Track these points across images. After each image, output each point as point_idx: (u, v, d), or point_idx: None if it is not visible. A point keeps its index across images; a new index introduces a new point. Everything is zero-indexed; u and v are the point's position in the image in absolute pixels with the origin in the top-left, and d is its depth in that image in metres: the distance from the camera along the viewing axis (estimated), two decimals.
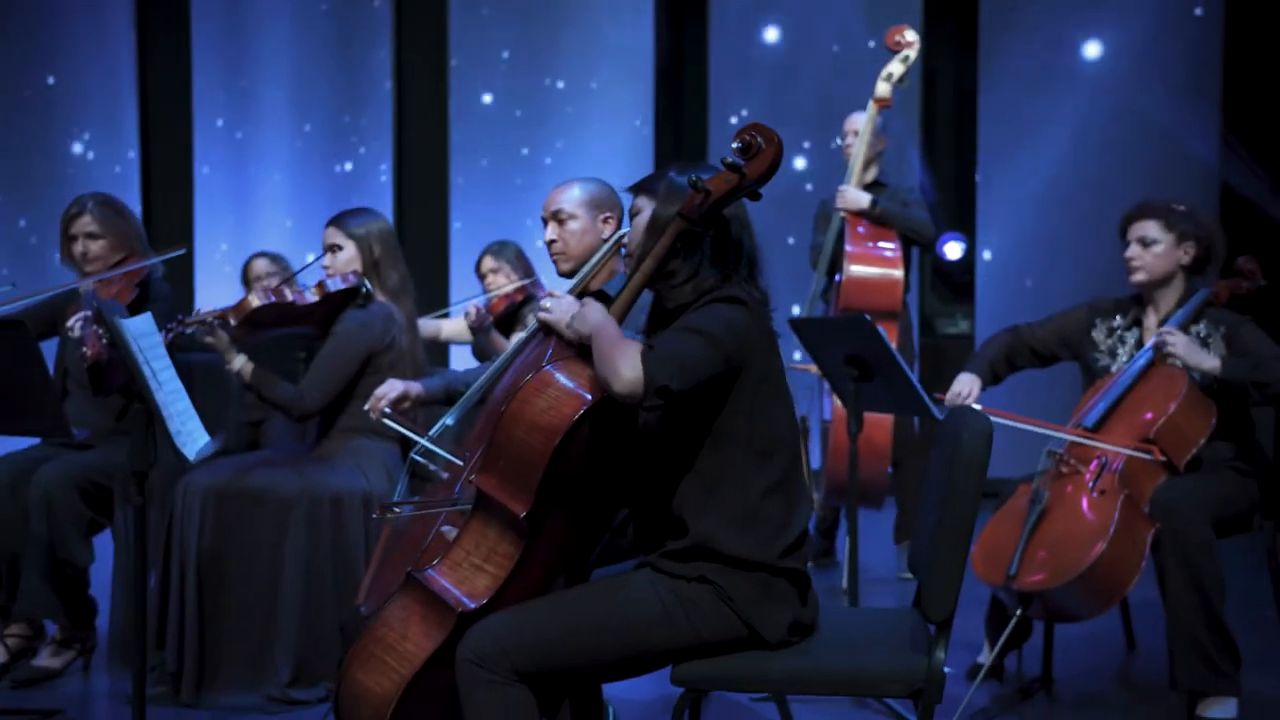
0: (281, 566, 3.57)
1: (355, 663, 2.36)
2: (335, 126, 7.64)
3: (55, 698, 3.70)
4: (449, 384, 3.54)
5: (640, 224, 2.45)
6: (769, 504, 2.29)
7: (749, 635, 2.26)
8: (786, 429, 2.36)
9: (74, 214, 4.05)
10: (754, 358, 2.29)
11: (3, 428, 3.49)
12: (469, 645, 2.24)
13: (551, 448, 2.26)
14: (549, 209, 3.28)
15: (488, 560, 2.34)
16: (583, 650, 2.28)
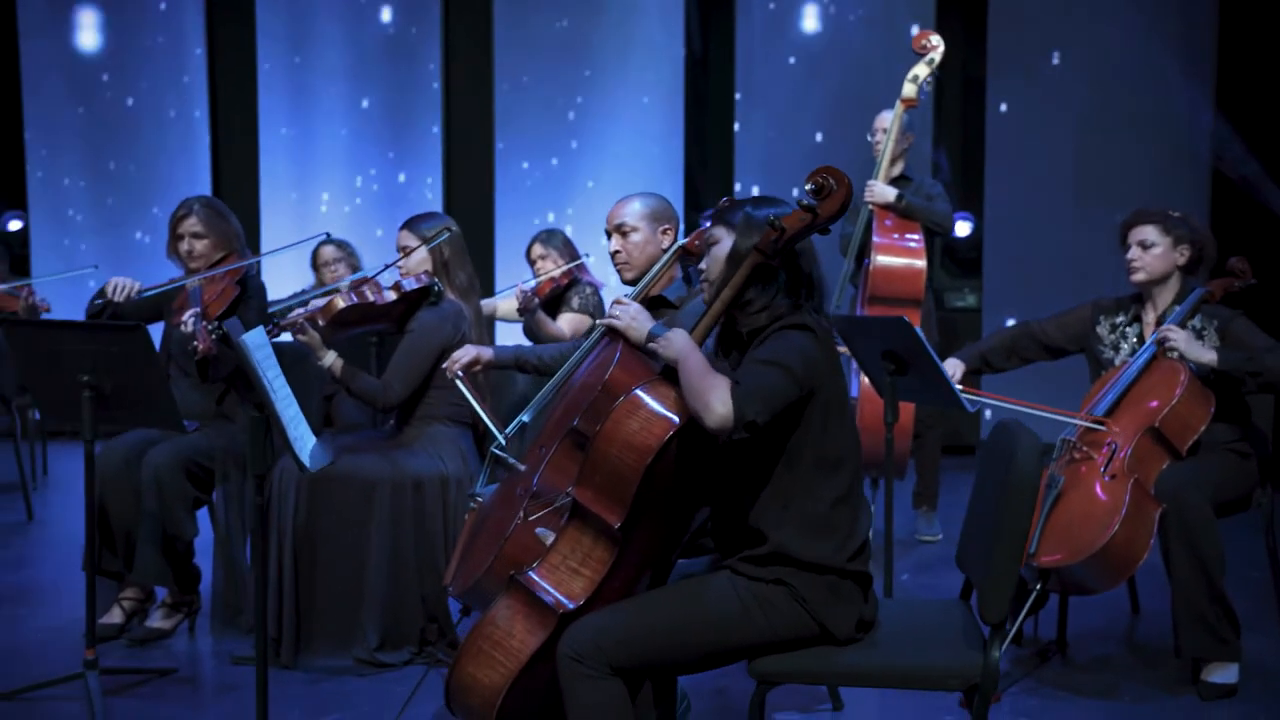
0: (368, 542, 3.59)
1: (466, 657, 2.38)
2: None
3: (168, 657, 3.74)
4: (518, 354, 3.53)
5: (719, 254, 2.43)
6: (837, 513, 2.31)
7: (820, 632, 2.28)
8: (850, 443, 2.37)
9: (181, 215, 4.07)
10: (823, 381, 2.29)
11: (124, 421, 3.55)
12: (569, 642, 2.26)
13: (644, 466, 2.27)
14: (612, 222, 3.28)
15: (583, 564, 2.35)
16: (671, 646, 2.30)
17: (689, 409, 2.23)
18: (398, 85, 7.49)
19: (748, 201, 2.47)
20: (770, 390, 2.19)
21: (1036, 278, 6.82)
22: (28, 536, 5.31)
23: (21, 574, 4.60)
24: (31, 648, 3.86)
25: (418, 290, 3.74)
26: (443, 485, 3.65)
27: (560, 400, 3.19)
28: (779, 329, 2.32)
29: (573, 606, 2.32)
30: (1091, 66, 6.80)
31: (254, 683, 3.41)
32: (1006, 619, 2.24)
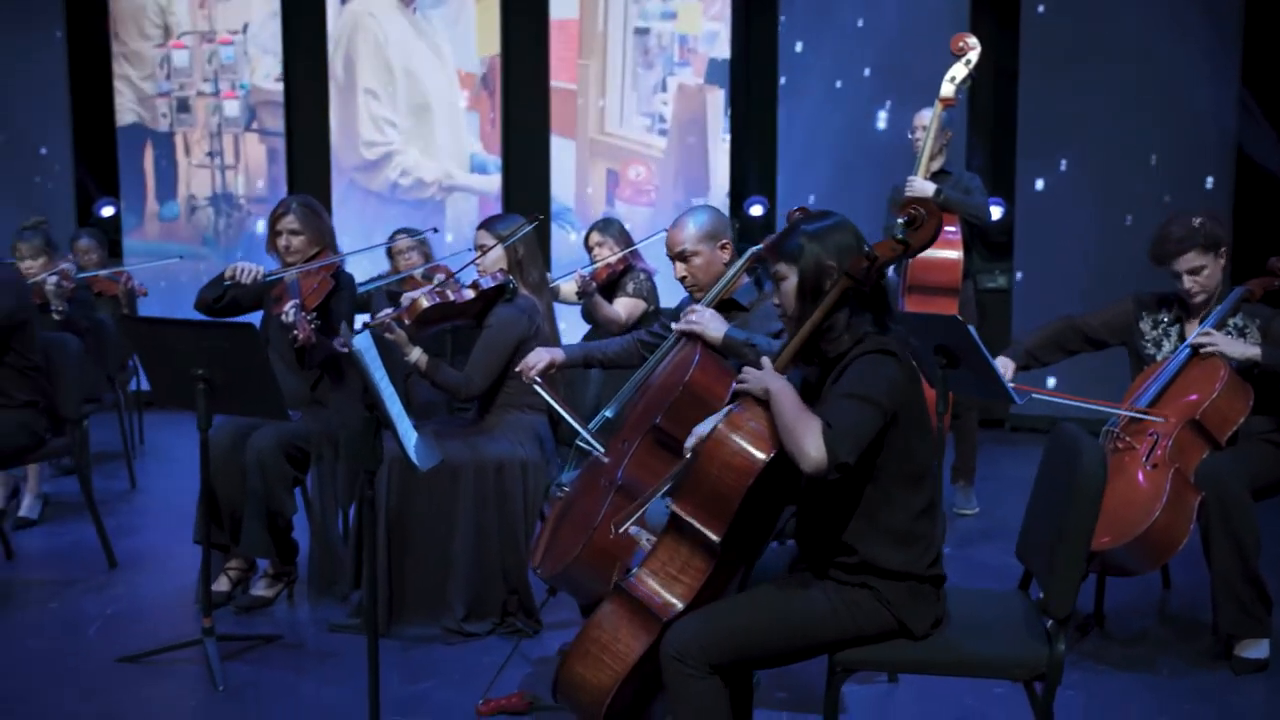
0: (455, 522, 3.62)
1: (575, 657, 2.36)
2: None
3: (272, 623, 3.80)
4: (586, 352, 3.53)
5: (789, 288, 2.37)
6: (919, 524, 2.30)
7: (899, 628, 2.29)
8: (928, 455, 2.35)
9: (280, 213, 4.10)
10: (905, 403, 2.26)
11: (234, 410, 3.59)
12: (673, 644, 2.25)
13: (745, 487, 2.24)
14: (672, 250, 3.27)
15: (682, 572, 2.33)
16: (765, 644, 2.30)
17: (785, 448, 2.19)
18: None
19: (800, 227, 2.40)
20: (859, 430, 2.16)
21: (1066, 263, 6.77)
22: (133, 504, 5.36)
23: (133, 540, 4.63)
24: (149, 612, 3.92)
25: (494, 288, 3.76)
26: (522, 469, 3.67)
27: (640, 397, 3.21)
28: (863, 354, 2.27)
29: (674, 613, 2.30)
30: (1120, 52, 6.68)
31: (353, 650, 3.55)
32: (1071, 614, 2.23)
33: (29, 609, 3.95)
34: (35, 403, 4.01)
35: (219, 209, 7.87)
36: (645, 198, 7.22)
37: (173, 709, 3.27)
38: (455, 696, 3.21)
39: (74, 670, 3.46)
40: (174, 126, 7.84)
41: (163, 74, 7.81)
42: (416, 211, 7.50)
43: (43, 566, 4.43)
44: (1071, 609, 2.23)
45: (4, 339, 3.88)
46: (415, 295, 3.66)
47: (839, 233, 2.36)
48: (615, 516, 2.80)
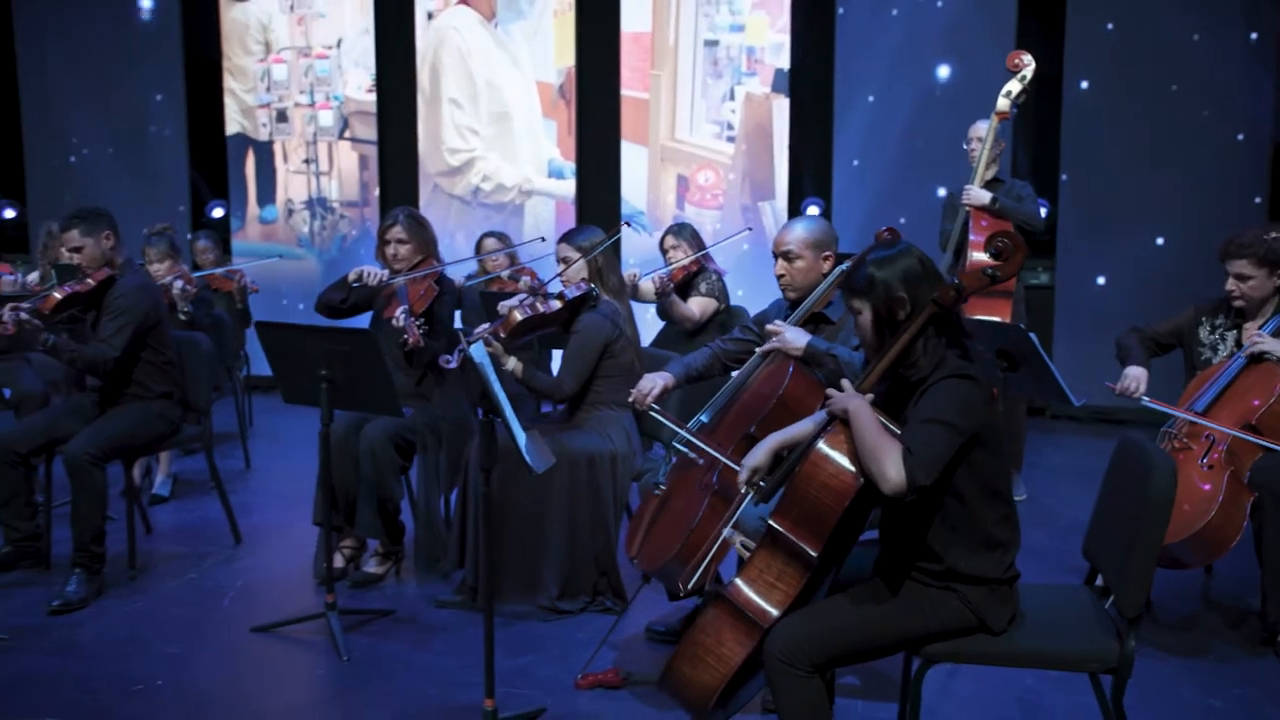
0: (549, 509, 3.66)
1: (682, 659, 2.37)
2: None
3: (384, 598, 3.88)
4: (686, 370, 3.49)
5: (865, 322, 2.36)
6: (997, 532, 2.31)
7: (979, 625, 2.30)
8: (1004, 469, 2.34)
9: (389, 224, 4.17)
10: (982, 424, 2.25)
11: (354, 407, 3.68)
12: (775, 646, 2.26)
13: (843, 507, 2.23)
14: (779, 248, 3.25)
15: (779, 579, 2.33)
16: (861, 644, 2.32)
17: (864, 468, 2.19)
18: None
19: (866, 261, 2.37)
20: (938, 454, 2.15)
21: (1107, 264, 6.71)
22: (249, 483, 5.49)
23: (252, 518, 4.75)
24: (274, 585, 4.03)
25: (579, 297, 3.81)
26: (611, 461, 3.72)
27: (733, 404, 3.22)
28: (943, 379, 2.25)
29: (771, 619, 2.32)
30: (1161, 53, 6.57)
31: (459, 624, 3.64)
32: (1142, 614, 2.25)
33: (170, 579, 4.07)
34: (170, 395, 4.12)
35: (314, 212, 8.00)
36: (714, 201, 7.21)
37: (303, 677, 3.36)
38: (555, 670, 3.26)
39: (214, 638, 3.57)
40: (273, 135, 7.98)
41: (263, 87, 7.95)
42: (496, 214, 7.56)
43: (177, 540, 4.55)
44: (1142, 610, 2.24)
45: (142, 338, 4.00)
46: (510, 309, 3.72)
47: (905, 260, 2.33)
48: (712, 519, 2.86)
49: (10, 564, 4.01)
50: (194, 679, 3.26)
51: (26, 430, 3.97)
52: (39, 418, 4.11)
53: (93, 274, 3.97)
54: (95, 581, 3.85)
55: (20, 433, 3.95)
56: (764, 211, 7.15)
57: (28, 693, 3.14)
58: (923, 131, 6.98)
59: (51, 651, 3.42)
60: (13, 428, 4.03)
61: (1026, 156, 7.31)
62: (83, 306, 4.01)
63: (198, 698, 3.15)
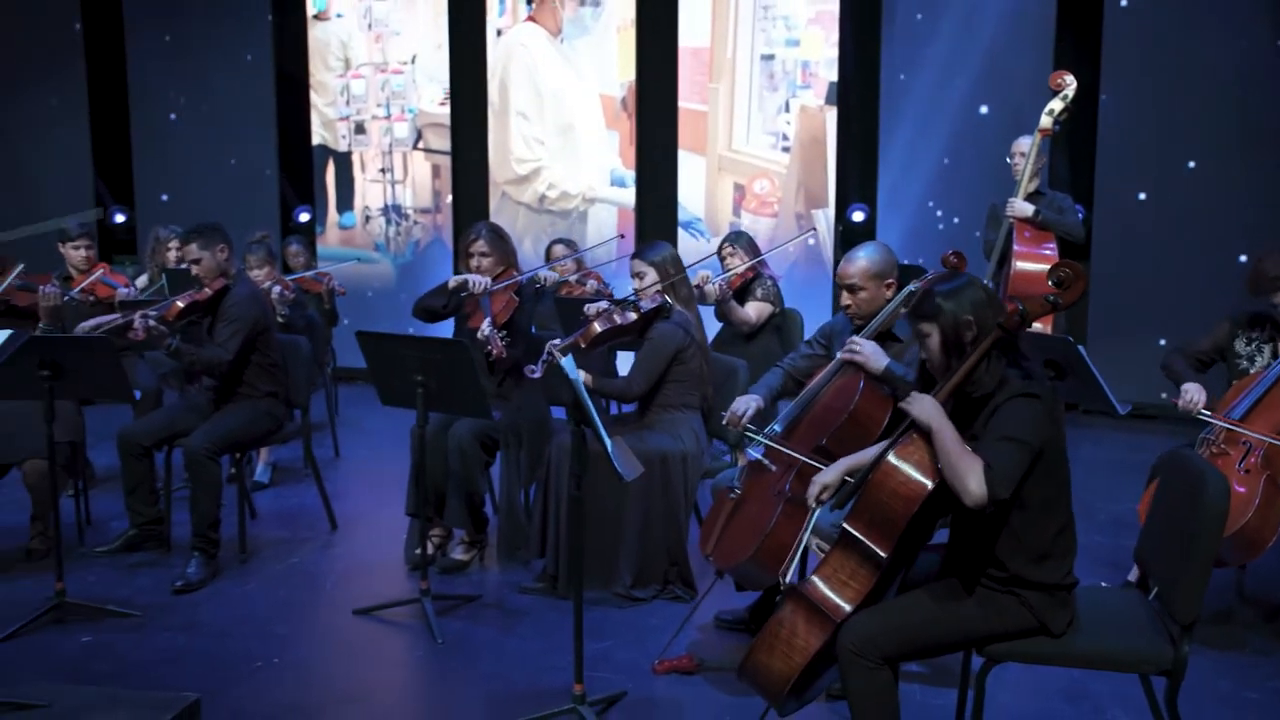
0: (625, 504, 3.70)
1: (760, 649, 2.43)
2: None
3: (470, 584, 3.95)
4: (768, 389, 3.51)
5: (933, 344, 2.39)
6: (1059, 541, 2.34)
7: (1039, 628, 2.33)
8: (1066, 479, 2.37)
9: (472, 239, 4.23)
10: (1048, 440, 2.28)
11: (446, 410, 3.76)
12: (848, 639, 2.31)
13: (911, 512, 2.29)
14: (843, 280, 3.28)
15: (852, 578, 2.38)
16: (928, 640, 2.36)
17: (947, 481, 2.24)
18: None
19: (934, 290, 2.41)
20: (1015, 469, 2.20)
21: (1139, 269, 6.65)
22: (339, 471, 5.59)
23: (345, 505, 4.83)
24: (369, 570, 4.12)
25: (653, 309, 3.86)
26: (682, 460, 3.76)
27: (804, 416, 3.25)
28: (1012, 398, 2.28)
29: (844, 614, 2.36)
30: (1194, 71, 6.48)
31: (542, 609, 3.70)
32: (1197, 620, 2.27)
33: (275, 563, 4.18)
34: (275, 394, 4.23)
35: (389, 219, 8.04)
36: (769, 209, 7.20)
37: (403, 659, 3.43)
38: (633, 655, 3.32)
39: (319, 619, 3.68)
40: (351, 146, 8.02)
41: (343, 100, 7.99)
42: (561, 221, 7.61)
43: (279, 525, 4.66)
44: (1198, 614, 2.26)
45: (252, 343, 4.11)
46: (590, 322, 3.78)
47: (970, 290, 2.38)
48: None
49: (136, 545, 4.16)
50: (304, 658, 3.37)
51: (149, 426, 4.10)
52: (161, 414, 4.25)
53: (209, 284, 4.08)
54: (211, 564, 3.98)
55: (144, 428, 4.09)
56: (817, 219, 7.15)
57: (164, 667, 3.27)
58: (962, 143, 6.94)
59: (178, 629, 3.54)
60: (137, 423, 4.16)
61: (1064, 163, 7.25)
62: (200, 313, 4.13)
63: (309, 676, 3.25)
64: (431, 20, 7.80)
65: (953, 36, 6.94)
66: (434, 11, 7.77)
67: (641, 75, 7.46)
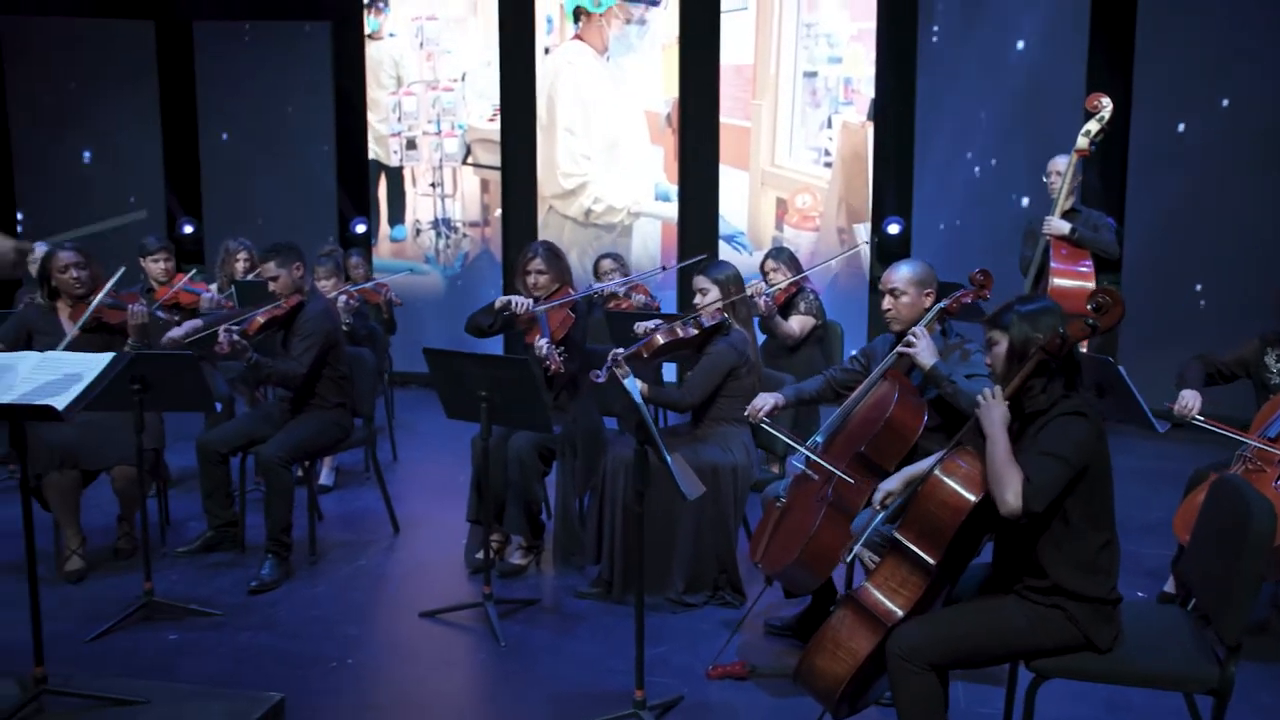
0: (678, 513, 3.73)
1: (814, 652, 2.49)
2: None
3: (527, 588, 4.00)
4: (797, 393, 3.62)
5: (999, 352, 2.47)
6: (1101, 556, 2.37)
7: (1086, 643, 2.36)
8: (1110, 497, 2.40)
9: (529, 257, 4.28)
10: (1092, 458, 2.32)
11: (509, 424, 3.83)
12: (897, 645, 2.36)
13: (958, 523, 2.35)
14: (886, 285, 3.35)
15: (903, 586, 2.44)
16: (973, 649, 2.40)
17: (990, 488, 2.29)
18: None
19: (1015, 305, 2.49)
20: (1051, 485, 2.26)
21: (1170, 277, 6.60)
22: (398, 474, 5.66)
23: (405, 507, 4.88)
24: (431, 573, 4.20)
25: (714, 326, 3.90)
26: (732, 472, 3.80)
27: (845, 426, 3.32)
28: (1060, 415, 2.34)
29: (895, 619, 2.42)
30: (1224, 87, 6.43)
31: (598, 613, 3.75)
32: (1242, 642, 2.28)
33: (343, 565, 4.26)
34: (344, 405, 4.33)
35: (439, 232, 8.12)
36: (810, 224, 7.21)
37: (468, 661, 3.47)
38: (687, 659, 3.35)
39: (386, 621, 3.75)
40: (403, 161, 8.08)
41: (395, 117, 8.06)
42: (607, 234, 7.66)
43: (344, 528, 4.74)
44: (1242, 636, 2.27)
45: (324, 356, 4.20)
46: (653, 333, 3.83)
47: (1047, 316, 2.44)
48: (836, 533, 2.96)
49: (213, 546, 4.28)
50: (375, 659, 3.43)
51: (226, 434, 4.21)
52: (237, 423, 4.36)
53: (286, 300, 4.18)
54: (284, 566, 4.08)
55: (222, 436, 4.20)
56: (857, 233, 7.16)
57: (247, 665, 3.35)
58: (995, 159, 6.93)
59: (256, 628, 3.63)
60: (215, 432, 4.27)
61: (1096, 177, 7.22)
62: (276, 326, 4.23)
63: (381, 677, 3.31)
64: (481, 39, 7.88)
65: (986, 51, 6.93)
66: (484, 30, 7.85)
67: (684, 92, 7.50)
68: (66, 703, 2.88)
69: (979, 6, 6.98)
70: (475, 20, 7.86)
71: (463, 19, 7.88)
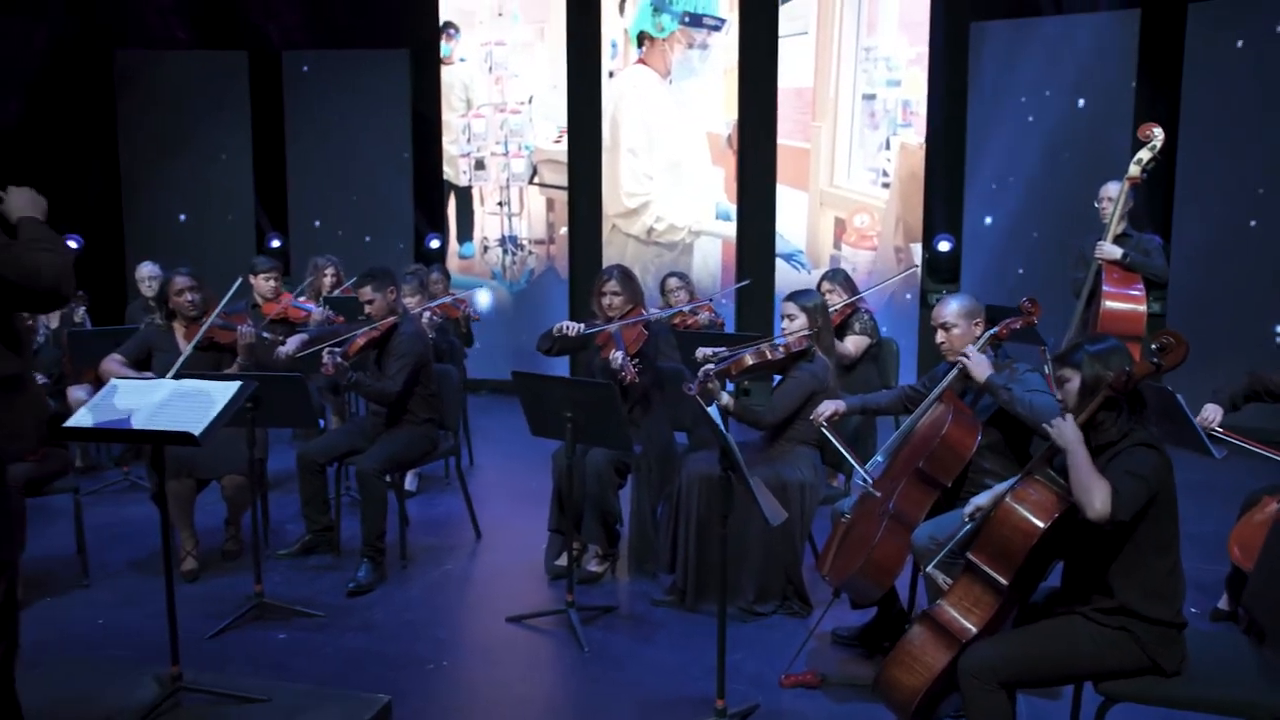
0: (748, 526, 3.77)
1: (893, 664, 2.56)
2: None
3: (604, 595, 4.06)
4: (863, 403, 3.69)
5: (1071, 389, 2.51)
6: (1167, 582, 2.40)
7: (1151, 665, 2.38)
8: (1176, 524, 2.43)
9: (605, 279, 4.35)
10: (1162, 486, 2.36)
11: (591, 442, 3.92)
12: (969, 663, 2.41)
13: (1030, 546, 2.40)
14: (937, 320, 3.42)
15: (975, 605, 2.49)
16: (1041, 669, 2.43)
17: (1073, 497, 2.33)
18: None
19: (1084, 345, 2.53)
20: (1136, 498, 2.30)
21: (1213, 293, 6.53)
22: (476, 479, 5.75)
23: (485, 512, 4.95)
24: (513, 578, 4.29)
25: (799, 351, 3.96)
26: (800, 488, 3.83)
27: (904, 444, 3.37)
28: (1133, 446, 2.39)
29: (969, 636, 2.48)
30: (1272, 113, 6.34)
31: (674, 621, 3.80)
32: None
33: (432, 569, 4.37)
34: (433, 419, 4.46)
35: (505, 248, 8.24)
36: (868, 243, 7.21)
37: (554, 665, 3.53)
38: (760, 667, 3.40)
39: (474, 624, 3.84)
40: (472, 181, 8.21)
41: (464, 139, 8.19)
42: (668, 252, 7.72)
43: (429, 533, 4.85)
44: None
45: (416, 375, 4.33)
46: (743, 353, 3.91)
47: (1117, 356, 2.49)
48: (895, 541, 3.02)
49: (311, 549, 4.43)
50: (466, 662, 3.51)
51: (325, 446, 4.36)
52: (333, 436, 4.50)
53: (381, 323, 4.31)
54: (379, 570, 4.21)
55: (320, 448, 4.34)
56: (914, 253, 7.15)
57: (352, 666, 3.45)
58: (1041, 181, 6.90)
59: (357, 629, 3.74)
60: (314, 444, 4.42)
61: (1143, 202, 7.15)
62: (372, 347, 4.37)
63: (474, 680, 3.39)
64: (548, 63, 7.98)
65: (1036, 74, 6.89)
66: (550, 55, 7.95)
67: (743, 114, 7.53)
68: (196, 698, 3.01)
69: (1027, 34, 6.94)
70: (542, 45, 7.96)
71: (530, 44, 7.99)
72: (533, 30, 7.96)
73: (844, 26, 7.12)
